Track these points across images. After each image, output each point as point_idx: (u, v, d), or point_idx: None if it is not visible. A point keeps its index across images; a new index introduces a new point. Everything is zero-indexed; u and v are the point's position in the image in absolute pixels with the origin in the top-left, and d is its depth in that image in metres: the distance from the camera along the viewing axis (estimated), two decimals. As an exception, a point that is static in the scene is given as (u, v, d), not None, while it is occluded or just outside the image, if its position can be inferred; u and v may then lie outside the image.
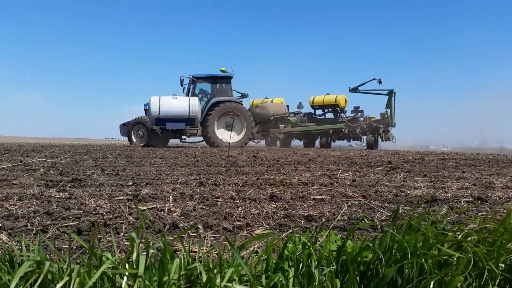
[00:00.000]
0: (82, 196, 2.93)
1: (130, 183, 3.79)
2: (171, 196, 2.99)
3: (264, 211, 2.52)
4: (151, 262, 1.13)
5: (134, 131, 15.84)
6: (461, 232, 1.34)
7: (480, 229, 1.38)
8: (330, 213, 2.56)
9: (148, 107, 15.05)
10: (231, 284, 1.07)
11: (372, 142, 18.61)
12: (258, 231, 2.14)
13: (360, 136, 19.50)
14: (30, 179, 3.97)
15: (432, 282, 1.16)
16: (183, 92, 16.85)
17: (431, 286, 1.16)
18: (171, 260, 1.11)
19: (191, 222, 2.25)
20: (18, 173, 4.52)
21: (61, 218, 2.27)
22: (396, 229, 1.28)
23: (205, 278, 1.07)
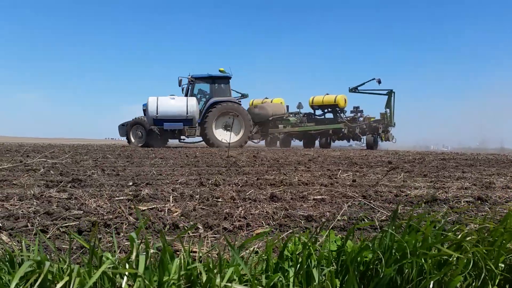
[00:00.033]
0: (82, 196, 2.93)
1: (130, 183, 3.80)
2: (171, 196, 2.99)
3: (264, 211, 2.52)
4: (151, 262, 1.13)
5: (133, 132, 15.84)
6: (461, 232, 1.34)
7: (480, 229, 1.38)
8: (330, 213, 2.56)
9: (146, 108, 15.06)
10: (231, 284, 1.07)
11: (372, 142, 18.60)
12: (258, 231, 2.14)
13: (360, 136, 19.49)
14: (31, 179, 3.97)
15: (432, 282, 1.16)
16: (182, 93, 16.86)
17: (431, 286, 1.16)
18: (171, 260, 1.11)
19: (191, 222, 2.25)
20: (19, 173, 4.52)
21: (61, 218, 2.27)
22: (396, 229, 1.29)
23: (205, 278, 1.07)
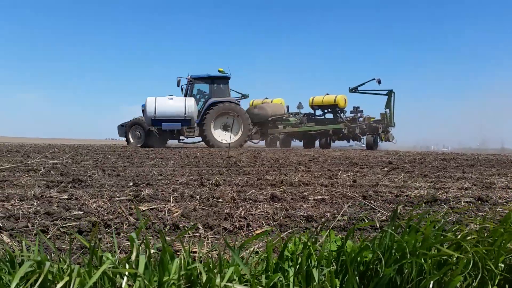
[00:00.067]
0: (83, 197, 2.93)
1: (131, 184, 3.80)
2: (172, 197, 3.00)
3: (265, 212, 2.52)
4: (151, 262, 1.13)
5: (132, 132, 15.84)
6: (461, 232, 1.34)
7: (480, 229, 1.38)
8: (331, 214, 2.56)
9: (144, 108, 15.05)
10: (231, 284, 1.07)
11: (372, 143, 18.59)
12: (259, 232, 2.14)
13: (360, 137, 19.47)
14: (31, 180, 3.97)
15: (432, 282, 1.16)
16: (182, 93, 16.86)
17: (431, 286, 1.16)
18: (171, 260, 1.11)
19: (192, 223, 2.25)
20: (19, 174, 4.52)
21: (62, 219, 2.27)
22: (396, 229, 1.29)
23: (205, 278, 1.07)
